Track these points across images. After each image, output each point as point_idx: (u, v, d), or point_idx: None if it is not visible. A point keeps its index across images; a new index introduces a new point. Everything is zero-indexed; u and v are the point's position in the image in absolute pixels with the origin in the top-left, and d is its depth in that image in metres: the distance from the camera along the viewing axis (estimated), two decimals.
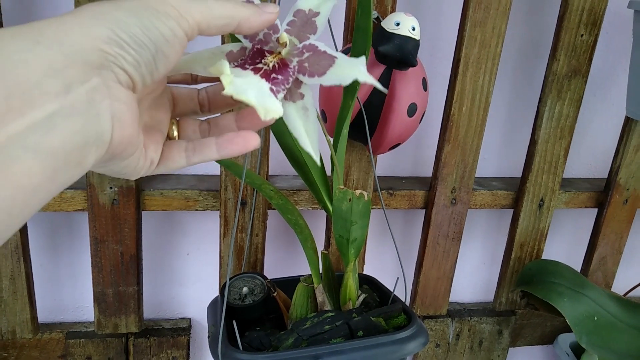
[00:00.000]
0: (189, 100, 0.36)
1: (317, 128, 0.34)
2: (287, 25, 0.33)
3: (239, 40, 0.40)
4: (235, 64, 0.32)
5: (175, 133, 0.34)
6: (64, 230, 0.68)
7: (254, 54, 0.33)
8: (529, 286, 0.73)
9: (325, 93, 0.56)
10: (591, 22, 0.65)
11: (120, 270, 0.63)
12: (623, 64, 0.78)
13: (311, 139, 0.34)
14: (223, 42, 0.56)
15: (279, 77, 0.32)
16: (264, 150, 0.60)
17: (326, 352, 0.45)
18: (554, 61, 0.66)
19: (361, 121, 0.53)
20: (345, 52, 0.54)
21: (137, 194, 0.60)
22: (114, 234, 0.61)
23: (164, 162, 0.32)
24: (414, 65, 0.51)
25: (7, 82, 0.20)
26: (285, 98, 0.33)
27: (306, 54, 0.32)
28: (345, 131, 0.47)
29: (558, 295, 0.68)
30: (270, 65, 0.32)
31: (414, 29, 0.50)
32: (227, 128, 0.35)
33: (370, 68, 0.52)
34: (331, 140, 0.48)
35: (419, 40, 0.51)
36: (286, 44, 0.33)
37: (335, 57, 0.32)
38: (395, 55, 0.50)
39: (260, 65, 0.32)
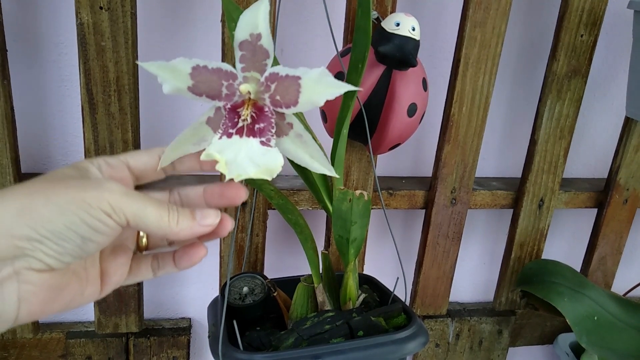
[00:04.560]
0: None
1: (318, 147, 0.34)
2: (240, 62, 0.32)
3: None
4: (221, 132, 0.32)
5: (145, 241, 0.35)
6: None
7: (230, 113, 0.32)
8: (528, 286, 0.73)
9: None
10: (591, 22, 0.65)
11: None
12: (623, 64, 0.78)
13: (320, 161, 0.34)
14: (223, 46, 0.56)
15: (262, 124, 0.32)
16: None
17: (326, 351, 0.45)
18: (554, 61, 0.66)
19: (361, 121, 0.53)
20: (346, 52, 0.55)
21: None
22: None
23: (132, 277, 0.34)
24: (414, 66, 0.51)
25: None
26: (278, 135, 0.33)
27: (272, 86, 0.32)
28: (345, 131, 0.47)
29: (558, 295, 0.68)
30: (248, 118, 0.32)
31: (414, 29, 0.50)
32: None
33: (370, 68, 0.53)
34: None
35: (419, 41, 0.51)
36: (249, 92, 0.32)
37: (299, 78, 0.31)
38: (395, 56, 0.50)
39: (240, 124, 0.32)
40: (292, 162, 0.49)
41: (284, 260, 0.76)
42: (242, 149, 0.31)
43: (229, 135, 0.32)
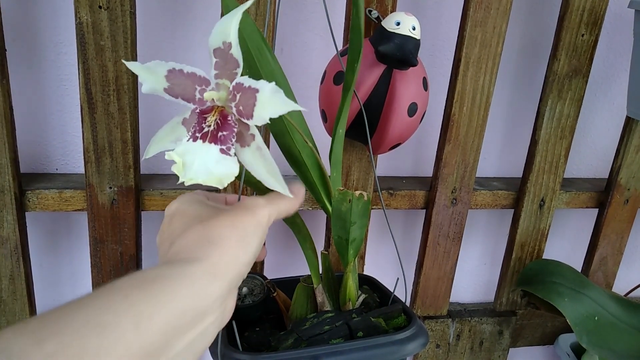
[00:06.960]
0: None
1: (274, 163, 0.34)
2: (215, 69, 0.32)
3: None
4: (189, 135, 0.33)
5: None
6: (64, 230, 0.68)
7: (199, 117, 0.33)
8: (529, 286, 0.73)
9: (325, 93, 0.56)
10: (592, 21, 0.65)
11: (119, 270, 0.63)
12: (624, 63, 0.78)
13: (275, 177, 0.35)
14: None
15: (225, 132, 0.33)
16: None
17: (326, 352, 0.45)
18: (555, 61, 0.66)
19: (361, 121, 0.53)
20: (346, 51, 0.54)
21: (136, 194, 0.60)
22: (114, 234, 0.61)
23: None
24: (414, 65, 0.51)
25: (195, 308, 0.27)
26: (240, 145, 0.34)
27: (238, 96, 0.32)
28: (341, 131, 0.47)
29: (559, 295, 0.68)
30: (213, 124, 0.33)
31: (414, 29, 0.50)
32: None
33: (370, 68, 0.52)
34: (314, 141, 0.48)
35: (419, 40, 0.51)
36: (214, 100, 0.33)
37: (257, 91, 0.31)
38: (396, 55, 0.50)
39: (205, 129, 0.33)
40: (290, 162, 0.49)
41: (284, 260, 0.76)
42: (201, 154, 0.32)
43: (195, 139, 0.33)
